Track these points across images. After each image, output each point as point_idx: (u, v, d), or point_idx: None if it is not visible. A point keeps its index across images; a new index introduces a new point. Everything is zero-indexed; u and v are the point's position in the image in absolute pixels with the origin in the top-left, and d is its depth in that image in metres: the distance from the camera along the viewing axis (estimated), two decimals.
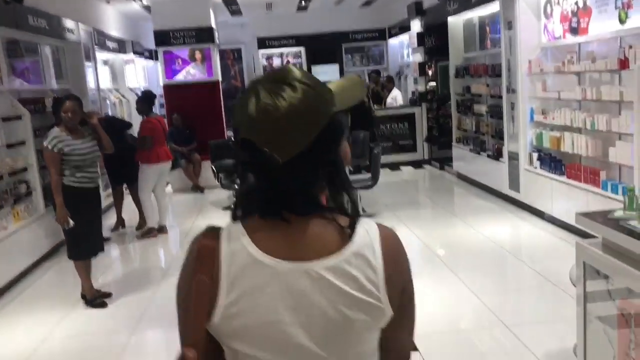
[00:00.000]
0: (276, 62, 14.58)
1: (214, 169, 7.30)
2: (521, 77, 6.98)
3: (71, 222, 4.80)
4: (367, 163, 7.89)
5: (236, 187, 5.03)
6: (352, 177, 7.68)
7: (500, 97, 7.81)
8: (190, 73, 10.65)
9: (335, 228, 1.11)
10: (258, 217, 1.11)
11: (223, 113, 10.68)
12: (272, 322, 1.07)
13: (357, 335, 1.10)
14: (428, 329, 4.06)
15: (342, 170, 1.15)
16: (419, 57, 11.44)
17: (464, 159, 9.37)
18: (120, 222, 7.81)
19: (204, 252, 1.11)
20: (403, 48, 13.79)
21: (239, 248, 1.09)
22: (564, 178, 6.23)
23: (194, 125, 10.38)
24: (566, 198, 6.13)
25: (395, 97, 11.62)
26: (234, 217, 1.14)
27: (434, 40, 10.62)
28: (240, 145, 1.09)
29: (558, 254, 5.55)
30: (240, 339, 1.09)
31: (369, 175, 6.75)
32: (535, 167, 6.85)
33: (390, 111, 11.43)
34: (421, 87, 11.49)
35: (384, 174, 8.28)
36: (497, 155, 7.98)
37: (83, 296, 5.13)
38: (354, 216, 1.14)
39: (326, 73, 14.75)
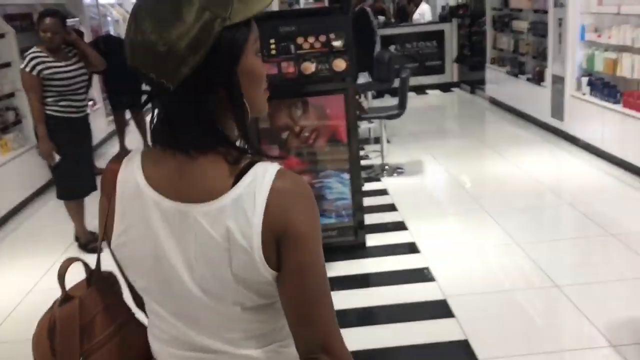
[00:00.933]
0: None
1: None
2: None
3: (57, 157, 4.21)
4: (390, 87, 7.14)
5: None
6: (375, 104, 6.95)
7: (545, 12, 6.87)
8: None
9: (225, 169, 1.00)
10: (159, 149, 1.03)
11: None
12: (155, 256, 1.04)
13: (235, 284, 1.00)
14: (464, 289, 3.49)
15: (239, 96, 0.99)
16: None
17: (498, 82, 8.52)
18: (125, 153, 7.22)
19: (107, 175, 1.09)
20: None
21: (131, 176, 1.05)
22: (619, 107, 5.43)
23: None
24: (620, 130, 5.37)
25: (424, 13, 10.61)
26: (145, 146, 1.08)
27: None
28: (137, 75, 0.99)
29: (612, 196, 4.88)
30: (130, 269, 1.09)
31: (395, 102, 6.01)
32: (584, 94, 6.04)
33: (417, 28, 10.46)
34: (452, 1, 10.46)
35: (409, 98, 7.52)
36: (538, 78, 7.14)
37: (77, 239, 4.63)
38: (253, 157, 1.02)
39: None
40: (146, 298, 1.12)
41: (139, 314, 1.20)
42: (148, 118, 1.10)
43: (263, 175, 0.98)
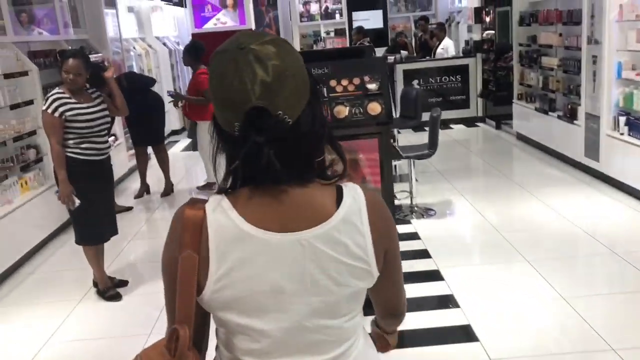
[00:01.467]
0: (314, 8, 13.46)
1: None
2: (608, 25, 5.84)
3: (77, 201, 4.05)
4: (418, 124, 6.95)
5: None
6: (405, 144, 6.77)
7: (577, 48, 6.68)
8: (221, 21, 9.73)
9: (323, 195, 1.12)
10: (248, 189, 1.11)
11: None
12: (264, 291, 1.09)
13: (348, 298, 1.13)
14: (512, 352, 3.22)
15: (329, 128, 1.15)
16: (475, 2, 10.24)
17: (526, 118, 8.30)
18: (145, 188, 7.11)
19: (190, 224, 1.10)
20: None
21: (226, 221, 1.09)
22: None
23: None
24: None
25: (447, 47, 10.48)
26: (219, 191, 1.13)
27: None
28: (247, 115, 1.04)
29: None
30: (232, 309, 1.11)
31: (419, 137, 5.79)
32: (622, 134, 5.80)
33: (440, 62, 10.32)
34: (476, 36, 10.33)
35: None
36: (570, 116, 6.91)
37: (95, 284, 4.44)
38: (338, 179, 1.15)
39: (368, 20, 13.60)
40: (246, 333, 1.13)
41: None
42: (171, 151, 1.02)
43: (357, 192, 1.14)
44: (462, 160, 8.16)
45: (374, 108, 3.57)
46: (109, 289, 4.35)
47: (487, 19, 9.94)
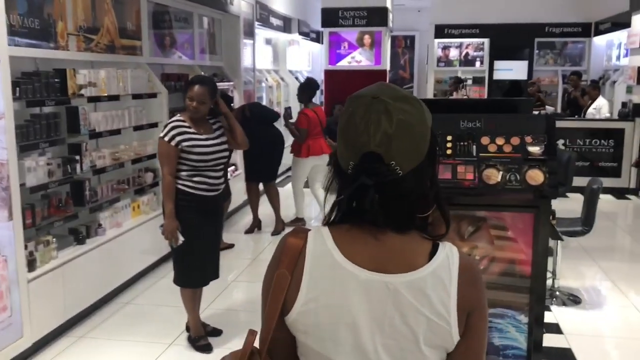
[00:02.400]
0: (453, 53, 12.86)
1: None
2: None
3: (180, 239, 3.71)
4: (566, 192, 6.07)
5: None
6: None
7: None
8: (356, 59, 9.40)
9: (419, 246, 1.17)
10: (349, 224, 1.17)
11: None
12: (345, 323, 1.13)
13: (421, 351, 1.13)
14: None
15: (440, 187, 1.21)
16: (638, 61, 9.12)
17: None
18: (257, 224, 6.79)
19: (290, 248, 1.19)
20: (612, 48, 11.37)
21: (324, 251, 1.16)
22: None
23: None
24: None
25: (600, 107, 9.40)
26: (324, 223, 1.21)
27: None
28: (362, 157, 1.13)
29: None
30: (312, 334, 1.17)
31: (570, 210, 4.94)
32: None
33: (591, 123, 9.26)
34: (637, 98, 9.17)
35: (576, 200, 6.39)
36: None
37: (188, 328, 4.06)
38: (438, 238, 1.19)
39: (512, 70, 12.77)
40: (326, 354, 1.16)
41: None
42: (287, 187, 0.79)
43: (452, 252, 1.17)
44: (611, 236, 7.07)
45: (535, 177, 2.89)
46: (201, 337, 3.94)
47: None
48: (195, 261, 3.81)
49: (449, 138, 3.01)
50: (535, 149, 2.92)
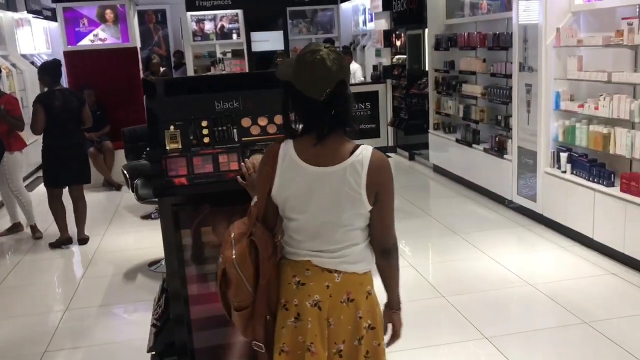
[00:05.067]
0: (208, 26, 12.32)
1: (125, 172, 5.19)
2: (545, 50, 5.25)
3: None
4: None
5: (156, 200, 3.16)
6: None
7: (506, 75, 6.10)
8: (99, 37, 8.37)
9: (345, 147, 1.86)
10: (302, 136, 1.88)
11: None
12: (299, 195, 1.87)
13: (347, 211, 1.85)
14: None
15: (350, 109, 1.89)
16: (383, 24, 9.60)
17: (445, 149, 7.65)
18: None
19: (271, 152, 1.90)
20: (358, 14, 11.87)
21: (288, 153, 1.87)
22: (614, 191, 4.59)
23: (106, 104, 8.19)
24: (618, 219, 4.50)
25: (354, 72, 9.72)
26: (290, 137, 1.91)
27: (405, 3, 8.79)
28: (339, 85, 1.84)
29: (624, 302, 3.93)
30: (285, 205, 1.90)
31: None
32: (565, 172, 5.20)
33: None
34: (386, 61, 9.68)
35: None
36: (498, 149, 6.30)
37: None
38: (357, 140, 1.93)
39: (268, 41, 12.69)
40: (293, 216, 1.90)
41: None
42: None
43: (367, 150, 1.85)
44: None
45: None
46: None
47: (398, 43, 9.32)
48: None
49: (204, 124, 2.53)
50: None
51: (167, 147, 2.46)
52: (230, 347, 2.68)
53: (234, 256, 1.84)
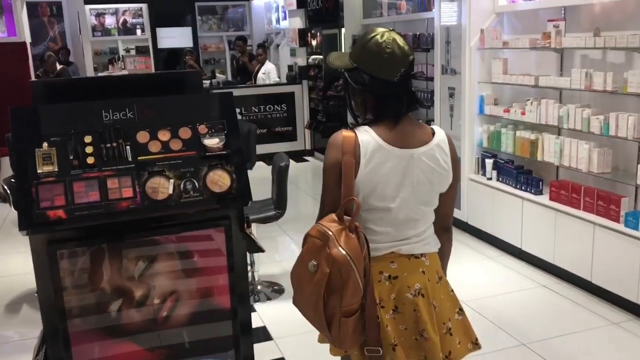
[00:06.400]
0: (109, 20, 11.45)
1: (5, 187, 4.45)
2: (469, 53, 5.05)
3: None
4: (250, 168, 5.56)
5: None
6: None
7: (427, 78, 5.88)
8: None
9: (423, 129, 1.89)
10: (382, 122, 1.84)
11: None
12: (389, 182, 1.82)
13: (435, 193, 1.90)
14: None
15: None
16: (298, 23, 9.22)
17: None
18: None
19: (348, 140, 1.79)
20: (271, 11, 11.43)
21: (369, 139, 1.80)
22: (543, 199, 4.44)
23: None
24: (547, 229, 4.35)
25: (269, 72, 9.29)
26: (354, 125, 1.90)
27: (320, 2, 8.44)
28: (411, 64, 1.85)
29: (558, 319, 3.75)
30: (373, 193, 1.82)
31: (269, 198, 4.40)
32: (490, 178, 5.02)
33: (263, 89, 9.09)
34: (301, 61, 9.30)
35: (258, 168, 6.06)
36: None
37: None
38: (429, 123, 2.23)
39: (175, 38, 11.99)
40: (380, 205, 1.85)
41: None
42: None
43: (439, 130, 1.91)
44: (296, 202, 6.95)
45: (219, 180, 2.09)
46: None
47: (314, 42, 8.97)
48: None
49: (88, 139, 2.01)
50: (213, 142, 2.13)
51: (39, 171, 1.92)
52: None
53: (344, 252, 1.67)
